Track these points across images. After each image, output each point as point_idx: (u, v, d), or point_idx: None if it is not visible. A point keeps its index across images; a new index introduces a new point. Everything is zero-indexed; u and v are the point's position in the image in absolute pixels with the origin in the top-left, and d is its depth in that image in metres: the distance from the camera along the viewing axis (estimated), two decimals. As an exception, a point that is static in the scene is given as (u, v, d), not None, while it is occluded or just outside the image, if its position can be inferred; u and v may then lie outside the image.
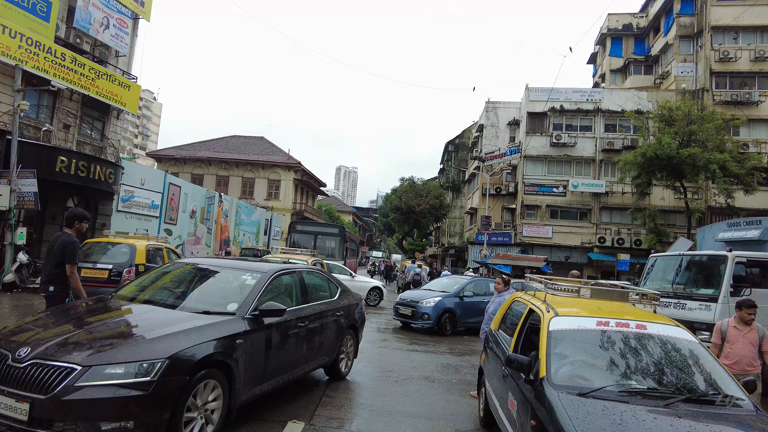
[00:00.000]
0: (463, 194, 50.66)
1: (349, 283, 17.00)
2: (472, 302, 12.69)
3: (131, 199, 21.78)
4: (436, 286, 13.81)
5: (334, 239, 20.24)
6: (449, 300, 12.45)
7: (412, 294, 13.22)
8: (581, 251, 32.35)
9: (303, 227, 20.87)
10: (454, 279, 14.59)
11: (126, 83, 20.21)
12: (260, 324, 4.66)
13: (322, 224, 24.00)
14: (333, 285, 6.85)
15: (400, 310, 12.79)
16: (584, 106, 32.84)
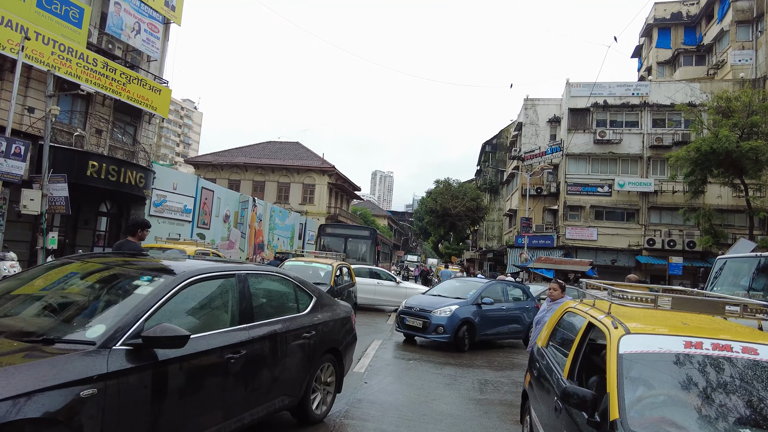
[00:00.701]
0: (501, 196, 49.13)
1: (394, 291, 16.19)
2: (492, 311, 10.70)
3: (163, 203, 21.75)
4: (447, 291, 11.67)
5: (364, 242, 19.51)
6: (467, 308, 10.28)
7: (421, 301, 10.99)
8: (628, 254, 30.47)
9: (333, 230, 20.27)
10: (467, 282, 12.34)
11: (157, 87, 20.19)
12: (146, 359, 2.96)
13: (353, 227, 23.32)
14: (303, 294, 4.97)
15: (406, 320, 10.50)
16: (630, 100, 31.00)
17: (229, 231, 27.46)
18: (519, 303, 11.81)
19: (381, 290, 16.09)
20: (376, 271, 17.03)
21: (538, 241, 32.04)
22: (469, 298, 10.61)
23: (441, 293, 11.55)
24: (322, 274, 10.78)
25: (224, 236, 26.93)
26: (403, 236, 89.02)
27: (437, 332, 9.90)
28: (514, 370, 8.87)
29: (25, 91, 16.08)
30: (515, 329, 11.40)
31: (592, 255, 30.34)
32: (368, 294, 15.82)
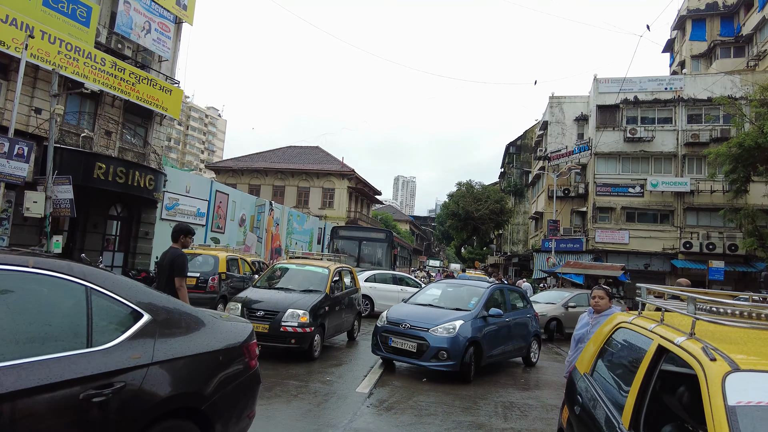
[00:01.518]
0: (526, 198, 47.58)
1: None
2: (498, 324, 8.31)
3: (175, 207, 21.24)
4: (442, 300, 8.94)
5: (380, 245, 18.49)
6: (472, 324, 7.65)
7: (410, 313, 8.10)
8: (663, 258, 28.73)
9: (347, 232, 19.31)
10: (463, 286, 9.54)
11: (168, 87, 19.71)
12: None
13: (368, 229, 22.33)
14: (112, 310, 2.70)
15: (391, 341, 7.70)
16: (662, 95, 29.34)
17: (245, 235, 26.88)
18: (521, 312, 9.52)
19: (404, 296, 15.13)
20: (400, 277, 15.94)
21: (565, 245, 30.54)
22: (472, 309, 7.99)
23: (433, 302, 8.85)
24: (316, 279, 9.26)
25: (240, 240, 26.33)
26: (425, 241, 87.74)
27: (438, 358, 7.23)
28: (543, 390, 7.75)
29: (32, 91, 15.69)
30: (519, 346, 9.16)
31: (623, 259, 28.72)
32: (391, 302, 14.75)
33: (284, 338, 7.78)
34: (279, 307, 8.03)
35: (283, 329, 7.78)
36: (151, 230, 19.98)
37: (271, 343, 7.79)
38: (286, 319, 7.83)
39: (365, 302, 14.69)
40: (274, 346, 7.83)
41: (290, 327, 7.80)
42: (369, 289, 14.94)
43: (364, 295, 14.62)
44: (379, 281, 15.41)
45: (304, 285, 9.14)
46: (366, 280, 15.17)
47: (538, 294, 15.65)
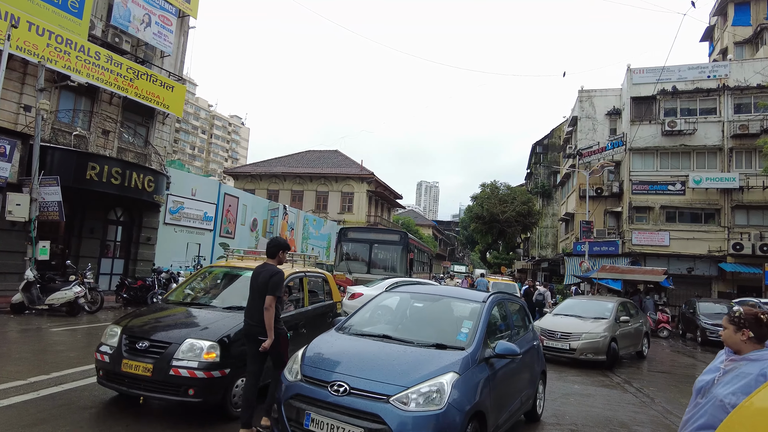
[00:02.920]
0: (555, 200, 45.28)
1: None
2: (507, 369, 4.83)
3: (180, 210, 20.11)
4: (406, 327, 5.23)
5: (394, 248, 16.72)
6: (473, 378, 4.10)
7: (343, 353, 4.39)
8: (708, 261, 26.26)
9: (356, 234, 17.62)
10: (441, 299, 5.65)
11: (170, 84, 18.62)
12: None
13: (380, 230, 20.58)
14: None
15: (310, 420, 3.83)
16: (704, 84, 26.98)
17: (257, 240, 25.63)
18: (525, 339, 5.89)
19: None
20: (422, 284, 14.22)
21: (599, 248, 28.34)
22: (466, 345, 4.35)
23: (392, 330, 5.02)
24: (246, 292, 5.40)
25: (251, 245, 25.07)
26: (449, 246, 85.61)
27: None
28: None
29: (21, 87, 14.71)
30: (527, 397, 5.59)
31: (663, 263, 26.39)
32: None
33: (176, 387, 4.85)
34: (172, 337, 5.12)
35: (173, 372, 4.83)
36: (153, 235, 18.86)
37: (158, 395, 4.94)
38: (180, 356, 4.91)
39: None
40: (163, 398, 5.01)
41: (185, 369, 4.84)
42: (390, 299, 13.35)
43: (385, 306, 13.12)
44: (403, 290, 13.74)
45: (233, 299, 6.09)
46: (387, 289, 13.49)
47: (566, 303, 13.51)
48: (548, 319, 12.01)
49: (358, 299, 13.53)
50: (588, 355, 10.49)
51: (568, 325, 11.06)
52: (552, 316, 12.32)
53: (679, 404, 7.88)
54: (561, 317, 11.85)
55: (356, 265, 16.88)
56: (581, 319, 11.50)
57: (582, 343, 10.53)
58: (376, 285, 14.30)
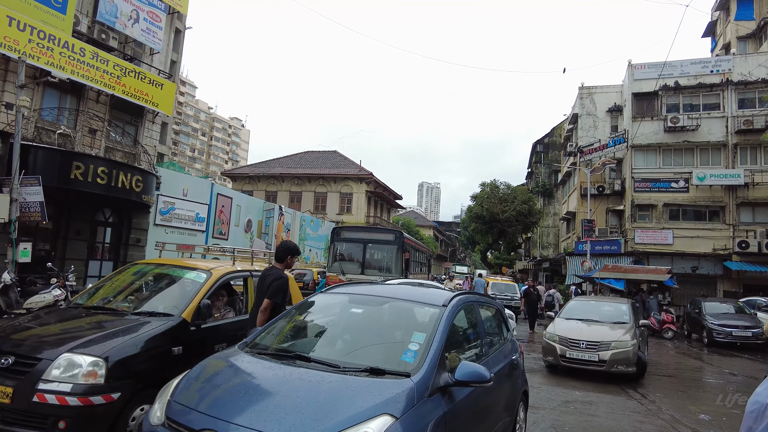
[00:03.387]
0: (556, 199, 44.73)
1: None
2: (475, 398, 3.43)
3: (171, 211, 19.62)
4: (328, 343, 3.80)
5: (389, 248, 16.01)
6: (423, 420, 2.76)
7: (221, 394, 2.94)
8: (713, 260, 25.69)
9: (349, 234, 17.10)
10: (385, 303, 4.08)
11: (159, 82, 18.16)
12: None
13: (374, 229, 20.05)
14: None
15: None
16: (707, 79, 26.43)
17: (252, 241, 25.16)
18: (501, 353, 4.60)
19: None
20: (426, 287, 13.51)
21: (602, 247, 27.79)
22: (414, 370, 3.02)
23: (307, 348, 3.68)
24: (176, 294, 5.23)
25: (246, 247, 24.59)
26: (450, 247, 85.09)
27: None
28: None
29: (3, 85, 14.26)
30: (503, 425, 4.25)
31: (667, 261, 25.83)
32: None
33: (41, 419, 3.69)
34: (45, 351, 3.96)
35: (37, 398, 3.69)
36: (143, 237, 18.40)
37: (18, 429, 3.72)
38: (50, 376, 3.78)
39: None
40: None
41: (54, 393, 3.70)
42: None
43: None
44: None
45: (151, 303, 5.21)
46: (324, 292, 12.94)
47: (573, 305, 12.01)
48: (563, 324, 10.49)
49: None
50: (619, 367, 9.16)
51: (591, 333, 9.73)
52: (564, 320, 10.81)
53: (688, 412, 7.36)
54: (577, 323, 10.48)
55: (350, 266, 16.32)
56: (600, 324, 10.25)
57: (613, 353, 9.15)
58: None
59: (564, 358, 9.54)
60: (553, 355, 9.73)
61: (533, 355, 11.93)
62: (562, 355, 9.55)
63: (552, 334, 10.01)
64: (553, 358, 9.79)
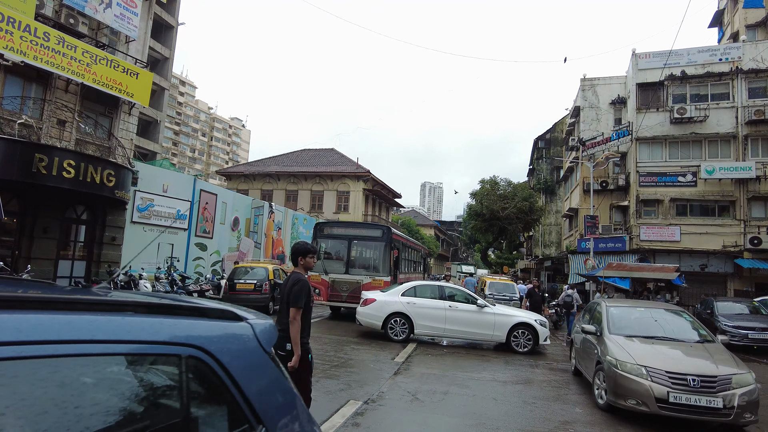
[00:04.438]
0: (558, 196, 43.56)
1: (477, 319, 11.23)
2: None
3: (150, 208, 18.61)
4: None
5: (375, 245, 14.97)
6: None
7: None
8: (723, 257, 24.50)
9: (332, 230, 15.87)
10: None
11: (134, 70, 17.14)
12: None
13: (360, 225, 18.92)
14: None
15: None
16: (716, 67, 25.25)
17: (239, 240, 24.13)
18: None
19: (456, 317, 11.39)
20: (446, 290, 12.07)
21: (605, 245, 26.64)
22: None
23: None
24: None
25: (233, 246, 23.60)
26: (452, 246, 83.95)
27: None
28: None
29: (-42, 71, 13.34)
30: None
31: (674, 259, 24.64)
32: (436, 322, 11.44)
33: None
34: None
35: None
36: (119, 235, 17.38)
37: None
38: None
39: (402, 323, 11.58)
40: None
41: None
42: (406, 305, 11.70)
43: (401, 313, 11.55)
44: (420, 295, 11.97)
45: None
46: (403, 294, 11.95)
47: (617, 312, 8.16)
48: (634, 347, 6.96)
49: (371, 306, 11.87)
50: (747, 416, 6.12)
51: (691, 364, 6.53)
52: (626, 339, 7.24)
53: None
54: (652, 345, 7.12)
55: (333, 264, 15.27)
56: (680, 343, 7.33)
57: (741, 395, 6.09)
58: (390, 289, 12.66)
59: (666, 405, 6.11)
60: (643, 398, 6.23)
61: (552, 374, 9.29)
62: (661, 398, 6.13)
63: (631, 363, 6.52)
64: (640, 402, 6.26)
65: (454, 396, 7.03)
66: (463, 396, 7.08)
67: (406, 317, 11.58)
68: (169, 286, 15.96)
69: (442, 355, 10.56)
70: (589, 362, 7.84)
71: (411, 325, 11.56)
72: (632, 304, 9.04)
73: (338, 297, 14.51)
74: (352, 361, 8.86)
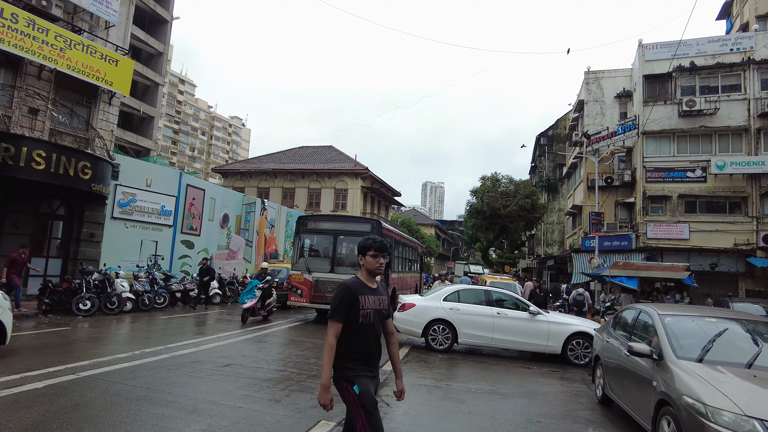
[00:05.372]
0: (560, 194, 42.54)
1: (529, 328, 10.19)
2: None
3: (132, 203, 17.66)
4: None
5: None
6: None
7: None
8: (735, 256, 23.46)
9: (317, 224, 14.53)
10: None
11: (113, 57, 16.18)
12: None
13: (347, 218, 17.71)
14: None
15: None
16: (727, 58, 24.21)
17: (229, 238, 23.17)
18: None
19: (505, 325, 10.30)
20: (494, 294, 10.92)
21: (611, 243, 25.62)
22: None
23: None
24: None
25: (222, 244, 22.64)
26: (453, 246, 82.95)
27: None
28: None
29: None
30: None
31: (683, 258, 23.59)
32: (483, 330, 10.36)
33: None
34: None
35: None
36: (98, 231, 16.43)
37: None
38: None
39: (444, 330, 10.53)
40: None
41: None
42: (449, 311, 10.58)
43: (442, 320, 10.52)
44: (464, 300, 10.86)
45: None
46: (445, 299, 10.86)
47: (676, 323, 5.62)
48: (733, 384, 4.33)
49: (410, 311, 10.74)
50: None
51: None
52: (714, 370, 4.60)
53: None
54: (753, 380, 4.43)
55: (317, 262, 13.99)
56: None
57: None
58: (431, 293, 11.49)
59: None
60: None
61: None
62: None
63: (731, 411, 3.90)
64: None
65: (448, 415, 6.05)
66: (458, 414, 6.10)
67: (449, 324, 10.45)
68: (149, 285, 15.01)
69: (437, 362, 9.57)
70: (640, 396, 5.39)
71: (454, 333, 10.43)
72: (696, 312, 6.30)
73: (322, 298, 13.19)
74: (333, 370, 7.87)
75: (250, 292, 13.38)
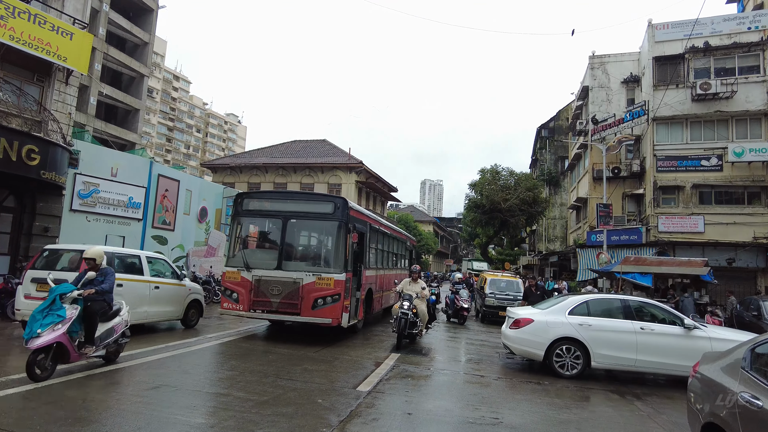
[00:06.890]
0: (563, 188, 40.86)
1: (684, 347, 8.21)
2: None
3: (94, 194, 15.94)
4: None
5: (323, 226, 10.57)
6: None
7: None
8: (754, 251, 21.80)
9: (261, 203, 10.85)
10: None
11: (67, 30, 14.43)
12: None
13: (300, 195, 13.10)
14: None
15: None
16: (744, 37, 22.53)
17: (208, 234, 21.46)
18: None
19: (651, 344, 8.32)
20: (633, 304, 8.93)
21: (619, 237, 23.97)
22: None
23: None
24: None
25: (200, 240, 20.93)
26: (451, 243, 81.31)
27: None
28: None
29: None
30: None
31: (697, 252, 21.97)
32: (622, 351, 8.36)
33: None
34: None
35: None
36: (54, 225, 14.70)
37: None
38: None
39: (572, 352, 8.51)
40: None
41: None
42: (579, 328, 8.57)
43: (572, 339, 8.50)
44: (596, 313, 8.80)
45: None
46: (572, 312, 8.80)
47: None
48: None
49: (528, 329, 8.69)
50: None
51: None
52: None
53: None
54: None
55: (260, 255, 10.58)
56: None
57: None
58: (552, 305, 9.30)
59: None
60: None
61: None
62: None
63: None
64: None
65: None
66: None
67: (579, 344, 8.50)
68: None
69: (428, 378, 7.88)
70: None
71: (586, 354, 8.47)
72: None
73: (266, 304, 9.82)
74: (292, 393, 6.14)
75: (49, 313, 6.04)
